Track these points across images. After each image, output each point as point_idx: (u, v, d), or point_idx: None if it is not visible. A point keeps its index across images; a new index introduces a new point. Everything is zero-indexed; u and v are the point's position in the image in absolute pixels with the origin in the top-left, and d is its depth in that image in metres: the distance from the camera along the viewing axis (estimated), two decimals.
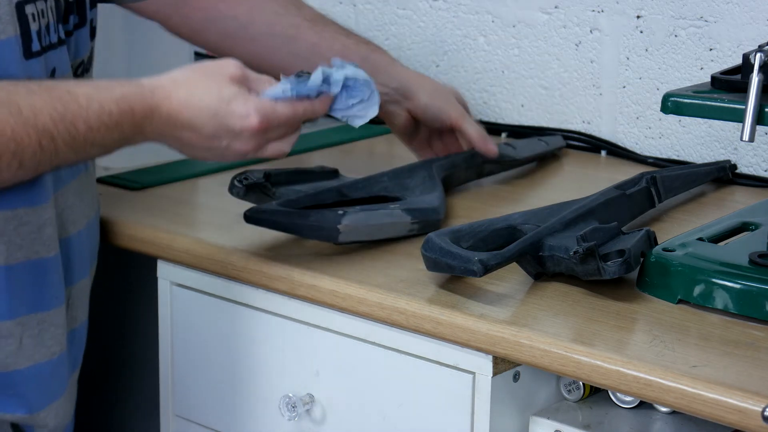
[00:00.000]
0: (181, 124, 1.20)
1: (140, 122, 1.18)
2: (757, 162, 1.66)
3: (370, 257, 1.30)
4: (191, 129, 1.20)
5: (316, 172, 1.46)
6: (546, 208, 1.32)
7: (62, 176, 1.27)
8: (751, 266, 1.18)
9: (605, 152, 1.77)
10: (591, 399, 1.23)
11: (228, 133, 1.21)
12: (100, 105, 1.16)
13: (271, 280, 1.29)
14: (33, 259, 1.23)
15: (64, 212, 1.28)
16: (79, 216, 1.32)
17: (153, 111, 1.18)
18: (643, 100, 1.75)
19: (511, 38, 1.86)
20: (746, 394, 1.00)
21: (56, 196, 1.26)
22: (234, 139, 1.21)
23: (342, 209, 1.30)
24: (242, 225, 1.32)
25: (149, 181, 1.56)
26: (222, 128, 1.20)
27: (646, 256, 1.22)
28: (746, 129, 1.13)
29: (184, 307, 1.40)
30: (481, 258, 1.15)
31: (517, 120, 1.88)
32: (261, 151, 1.25)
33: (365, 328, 1.24)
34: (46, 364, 1.26)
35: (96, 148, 1.18)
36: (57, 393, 1.29)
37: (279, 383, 1.32)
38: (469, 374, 1.18)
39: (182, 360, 1.42)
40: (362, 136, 1.85)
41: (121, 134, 1.17)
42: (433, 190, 1.43)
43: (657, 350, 1.08)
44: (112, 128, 1.16)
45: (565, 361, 1.09)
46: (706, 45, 1.67)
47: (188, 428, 1.43)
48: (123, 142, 1.19)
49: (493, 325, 1.14)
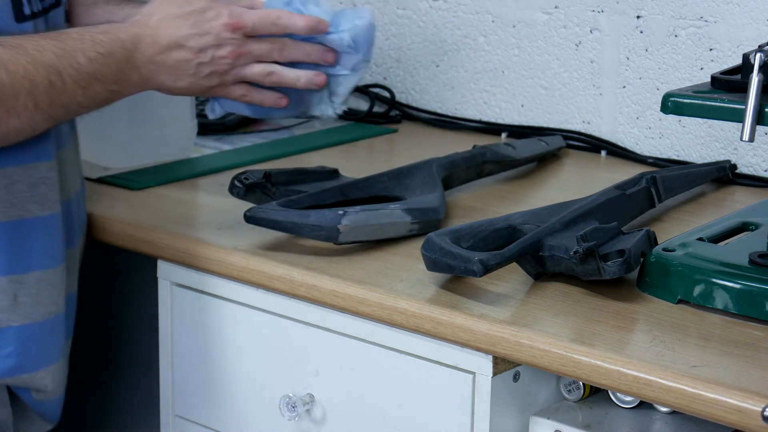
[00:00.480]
0: (167, 45, 1.28)
1: (129, 49, 1.26)
2: (757, 162, 1.66)
3: (370, 257, 1.30)
4: (177, 45, 1.28)
5: (316, 172, 1.46)
6: (546, 208, 1.32)
7: (62, 136, 1.32)
8: (751, 266, 1.18)
9: (605, 152, 1.77)
10: (591, 399, 1.23)
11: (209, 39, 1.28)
12: (92, 38, 1.25)
13: (271, 280, 1.29)
14: (31, 218, 1.26)
15: (65, 172, 1.32)
16: (76, 180, 1.37)
17: (137, 37, 1.27)
18: (643, 100, 1.75)
19: (511, 38, 1.86)
20: (746, 394, 1.00)
21: (59, 154, 1.29)
22: (216, 47, 1.29)
23: (342, 209, 1.30)
24: (242, 225, 1.32)
25: (149, 181, 1.56)
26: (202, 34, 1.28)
27: (646, 256, 1.22)
28: (746, 129, 1.13)
29: (184, 307, 1.40)
30: (481, 258, 1.15)
31: (517, 120, 1.88)
32: (246, 68, 1.31)
33: (365, 328, 1.24)
34: (43, 324, 1.28)
35: (98, 83, 1.25)
36: (54, 356, 1.31)
37: (279, 383, 1.32)
38: (469, 374, 1.18)
39: (182, 360, 1.42)
40: (362, 136, 1.85)
41: (116, 65, 1.26)
42: (433, 190, 1.43)
43: (657, 350, 1.08)
44: (108, 57, 1.25)
45: (565, 361, 1.09)
46: (706, 45, 1.67)
47: (188, 428, 1.43)
48: (120, 76, 1.27)
49: (493, 325, 1.14)
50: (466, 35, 1.91)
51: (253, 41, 1.31)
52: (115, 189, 1.54)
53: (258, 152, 1.73)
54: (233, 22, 1.29)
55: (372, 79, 2.03)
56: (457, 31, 1.92)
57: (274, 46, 1.32)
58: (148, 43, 1.28)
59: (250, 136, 1.83)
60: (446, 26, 1.93)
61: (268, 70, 1.32)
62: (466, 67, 1.92)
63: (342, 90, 1.35)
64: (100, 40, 1.25)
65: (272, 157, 1.70)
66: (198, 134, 1.72)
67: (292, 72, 1.33)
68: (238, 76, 1.32)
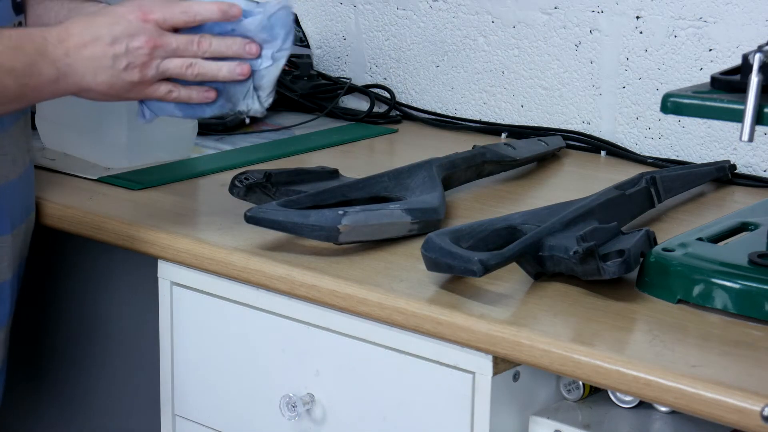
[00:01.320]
0: (80, 39, 1.27)
1: (41, 43, 1.26)
2: (756, 162, 1.66)
3: (370, 257, 1.30)
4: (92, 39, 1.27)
5: (316, 172, 1.46)
6: (546, 208, 1.32)
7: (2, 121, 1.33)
8: (750, 266, 1.18)
9: (605, 152, 1.77)
10: (591, 399, 1.23)
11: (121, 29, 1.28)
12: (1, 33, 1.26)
13: (271, 280, 1.29)
14: None
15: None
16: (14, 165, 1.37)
17: (49, 32, 1.27)
18: (643, 101, 1.75)
19: (511, 39, 1.86)
20: (745, 394, 1.00)
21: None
22: (130, 36, 1.28)
23: (342, 209, 1.30)
24: (242, 225, 1.32)
25: (149, 181, 1.56)
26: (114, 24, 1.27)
27: (646, 256, 1.22)
28: (745, 129, 1.14)
29: (184, 307, 1.40)
30: (481, 258, 1.16)
31: (517, 120, 1.88)
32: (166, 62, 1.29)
33: (365, 328, 1.24)
34: None
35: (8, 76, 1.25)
36: None
37: (279, 383, 1.33)
38: (469, 374, 1.18)
39: (182, 360, 1.42)
40: (362, 136, 1.85)
41: (27, 57, 1.26)
42: (433, 190, 1.43)
43: (657, 350, 1.08)
44: (17, 50, 1.25)
45: (564, 361, 1.09)
46: (705, 45, 1.68)
47: (188, 428, 1.43)
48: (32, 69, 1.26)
49: (493, 325, 1.14)
50: (466, 35, 1.91)
51: (169, 34, 1.30)
52: (115, 189, 1.54)
53: (258, 152, 1.73)
54: (143, 12, 1.29)
55: (372, 80, 2.04)
56: (457, 32, 1.92)
57: (193, 38, 1.30)
58: (62, 37, 1.28)
59: (250, 136, 1.83)
60: (446, 26, 1.93)
61: (188, 62, 1.30)
62: (466, 68, 1.92)
63: (266, 83, 1.33)
64: (9, 34, 1.27)
65: (272, 157, 1.70)
66: (198, 134, 1.72)
67: (213, 63, 1.31)
68: (159, 71, 1.30)
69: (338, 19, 2.07)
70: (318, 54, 2.09)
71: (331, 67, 2.09)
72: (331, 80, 2.03)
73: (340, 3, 2.05)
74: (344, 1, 2.05)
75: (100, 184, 1.56)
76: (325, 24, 2.08)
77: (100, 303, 1.62)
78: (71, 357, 1.66)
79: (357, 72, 2.05)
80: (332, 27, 2.07)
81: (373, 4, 2.01)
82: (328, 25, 2.08)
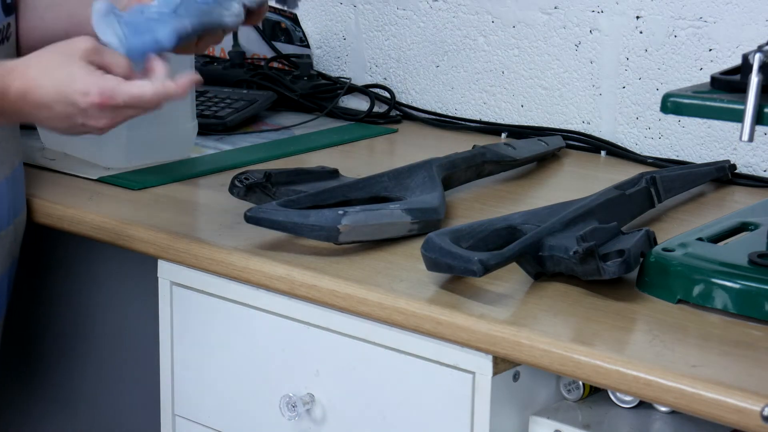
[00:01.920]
0: (34, 104, 1.23)
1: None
2: (756, 162, 1.66)
3: (370, 257, 1.30)
4: (45, 108, 1.23)
5: (316, 172, 1.46)
6: (546, 208, 1.32)
7: None
8: (750, 266, 1.18)
9: (605, 152, 1.77)
10: (591, 399, 1.23)
11: (78, 111, 1.22)
12: None
13: (271, 280, 1.29)
14: None
15: None
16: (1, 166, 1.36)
17: (7, 89, 1.22)
18: (643, 101, 1.75)
19: (511, 38, 1.86)
20: (745, 394, 1.00)
21: None
22: (86, 117, 1.23)
23: (342, 209, 1.30)
24: (242, 225, 1.32)
25: (149, 181, 1.56)
26: (70, 106, 1.22)
27: (646, 256, 1.22)
28: (745, 129, 1.14)
29: (184, 307, 1.40)
30: (481, 258, 1.16)
31: (517, 120, 1.88)
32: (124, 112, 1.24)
33: (365, 328, 1.24)
34: None
35: None
36: None
37: (279, 383, 1.33)
38: (469, 374, 1.18)
39: (182, 360, 1.42)
40: (362, 136, 1.85)
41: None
42: (433, 190, 1.43)
43: (657, 350, 1.08)
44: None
45: (564, 361, 1.09)
46: (705, 45, 1.68)
47: (188, 428, 1.43)
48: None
49: (493, 325, 1.14)
50: (466, 35, 1.91)
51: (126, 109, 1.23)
52: (115, 189, 1.54)
53: (258, 152, 1.73)
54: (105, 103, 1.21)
55: (372, 80, 2.04)
56: (457, 32, 1.92)
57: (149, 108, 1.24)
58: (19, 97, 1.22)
59: (250, 136, 1.83)
60: (446, 26, 1.93)
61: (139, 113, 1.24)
62: (466, 68, 1.92)
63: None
64: None
65: (272, 157, 1.70)
66: (198, 134, 1.72)
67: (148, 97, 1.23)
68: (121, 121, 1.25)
69: (338, 19, 2.07)
70: (318, 54, 2.09)
71: (331, 67, 2.09)
72: (331, 80, 2.03)
73: (340, 3, 2.05)
74: (344, 1, 2.05)
75: (100, 184, 1.56)
76: (325, 24, 2.08)
77: (100, 303, 1.62)
78: (71, 357, 1.66)
79: (357, 72, 2.05)
80: (332, 27, 2.07)
81: (373, 4, 2.01)
82: (328, 25, 2.08)
